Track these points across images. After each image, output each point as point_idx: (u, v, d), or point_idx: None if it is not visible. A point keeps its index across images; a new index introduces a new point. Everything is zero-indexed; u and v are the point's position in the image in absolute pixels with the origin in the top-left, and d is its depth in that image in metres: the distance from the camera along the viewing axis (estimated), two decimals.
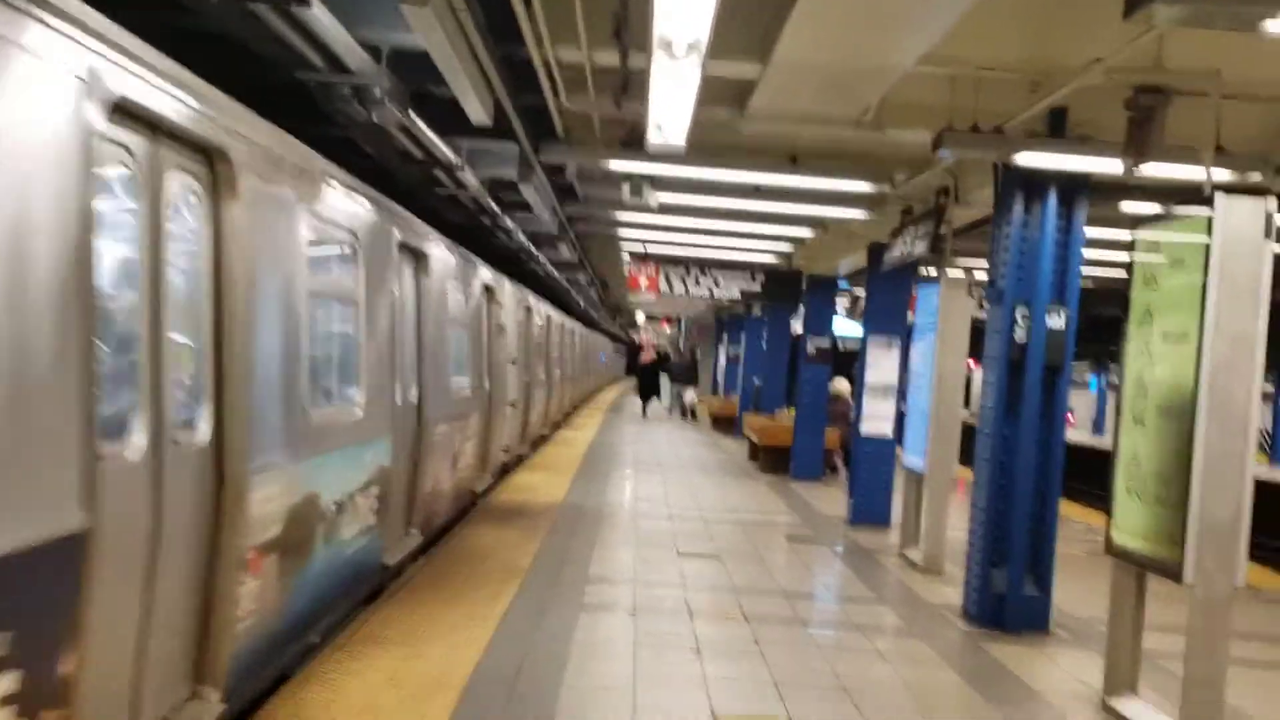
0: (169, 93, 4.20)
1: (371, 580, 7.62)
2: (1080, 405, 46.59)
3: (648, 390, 33.62)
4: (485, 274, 12.69)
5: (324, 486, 6.17)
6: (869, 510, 12.89)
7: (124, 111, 3.90)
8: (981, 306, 13.28)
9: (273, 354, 5.32)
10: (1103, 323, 23.38)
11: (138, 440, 4.10)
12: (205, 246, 4.77)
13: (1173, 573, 5.64)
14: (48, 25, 3.36)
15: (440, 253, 9.89)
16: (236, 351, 4.87)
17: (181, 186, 4.53)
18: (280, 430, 5.40)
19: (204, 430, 4.71)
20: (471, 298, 11.74)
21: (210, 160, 4.73)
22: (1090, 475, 20.96)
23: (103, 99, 3.66)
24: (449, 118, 9.18)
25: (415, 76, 8.09)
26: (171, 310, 4.35)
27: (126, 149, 4.02)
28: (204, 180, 4.71)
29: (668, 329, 50.40)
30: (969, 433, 9.56)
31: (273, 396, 5.32)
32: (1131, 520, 6.14)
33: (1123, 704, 6.18)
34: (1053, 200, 8.01)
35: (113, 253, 4.04)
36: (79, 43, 3.53)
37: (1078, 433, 38.46)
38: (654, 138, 7.45)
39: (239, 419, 4.88)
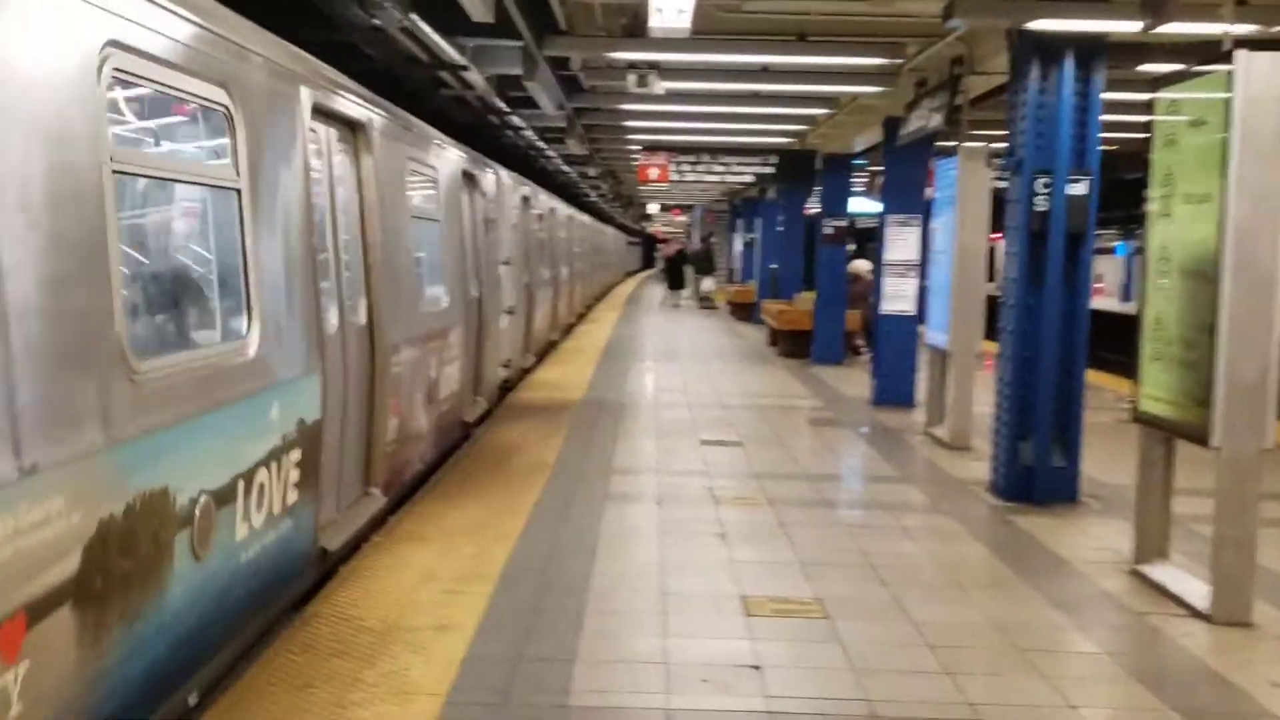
0: (341, 95, 6.40)
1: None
2: (1108, 272, 46.36)
3: (674, 281, 35.55)
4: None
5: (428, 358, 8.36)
6: (893, 390, 12.89)
7: (319, 111, 5.97)
8: (1001, 177, 13.12)
9: (391, 263, 7.21)
10: (1128, 187, 23.03)
11: (333, 320, 6.13)
12: (354, 189, 6.73)
13: (1200, 436, 5.61)
14: (302, 83, 5.68)
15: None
16: (375, 262, 6.87)
17: (341, 152, 6.56)
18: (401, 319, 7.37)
19: (363, 314, 6.78)
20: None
21: (354, 130, 6.74)
22: (1119, 343, 20.85)
23: (312, 106, 5.79)
24: (451, 17, 9.00)
25: None
26: (342, 235, 6.44)
27: (317, 133, 6.03)
28: (351, 143, 6.71)
29: (681, 217, 50.06)
30: (994, 308, 9.51)
31: (397, 294, 7.35)
32: (1158, 385, 6.10)
33: (1153, 570, 6.22)
34: (1069, 64, 7.82)
35: (314, 199, 5.82)
36: (310, 84, 5.82)
37: (1105, 300, 38.28)
38: (656, 22, 7.28)
39: (382, 308, 6.93)
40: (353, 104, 6.63)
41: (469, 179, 10.58)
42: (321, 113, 6.04)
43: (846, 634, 5.27)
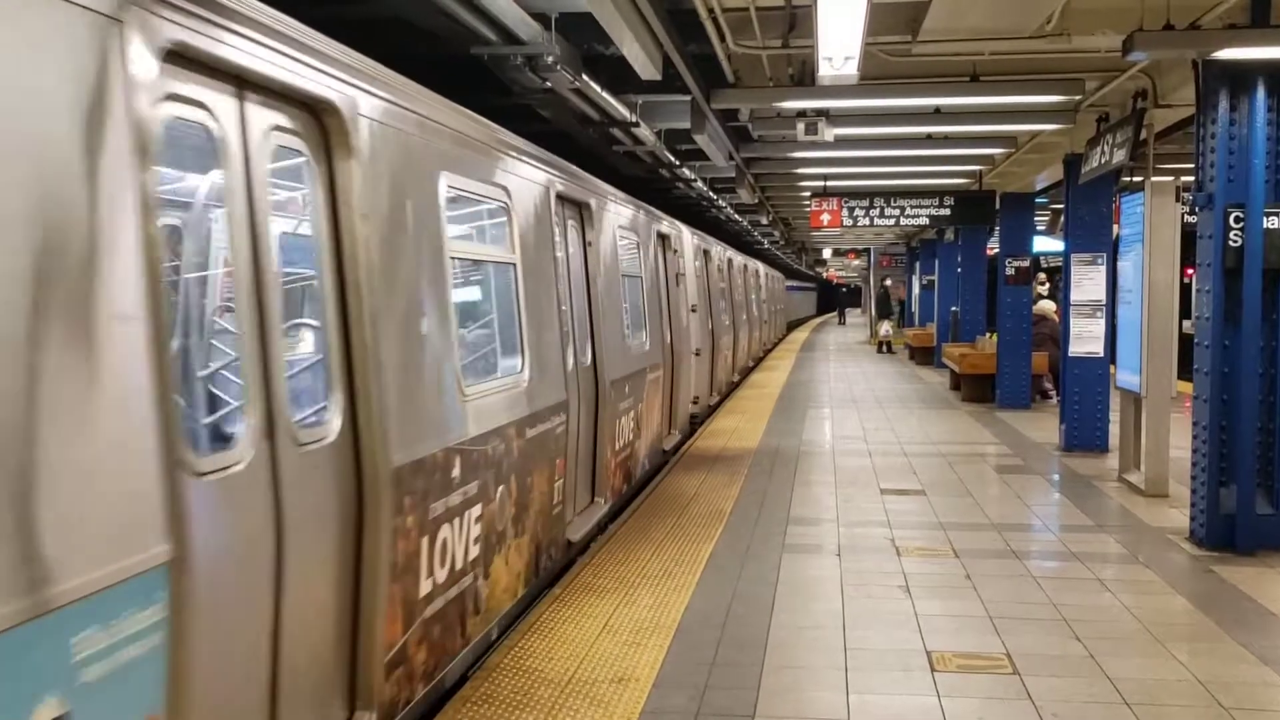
0: (574, 183, 8.18)
1: None
2: None
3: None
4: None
5: (637, 391, 10.14)
6: (1083, 435, 12.42)
7: (560, 197, 7.73)
8: (1192, 212, 12.57)
9: (609, 314, 9.07)
10: None
11: (570, 360, 7.65)
12: (581, 255, 8.56)
13: None
14: (549, 177, 7.40)
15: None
16: (598, 313, 8.68)
17: (573, 227, 8.37)
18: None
19: (589, 356, 8.51)
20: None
21: (580, 209, 8.55)
22: None
23: (556, 195, 7.52)
24: (620, 75, 9.23)
25: (583, 38, 8.16)
26: (575, 292, 8.24)
27: (558, 214, 7.66)
28: (578, 219, 8.57)
29: (855, 261, 49.57)
30: (1186, 347, 9.09)
31: (613, 339, 9.14)
32: None
33: None
34: (1261, 93, 7.47)
35: (558, 266, 7.54)
36: (555, 177, 7.58)
37: None
38: (825, 71, 7.29)
39: (603, 351, 8.75)
40: (580, 189, 8.35)
41: (662, 239, 12.56)
42: (560, 198, 7.72)
43: (1038, 691, 5.09)
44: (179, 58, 3.19)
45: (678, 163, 14.29)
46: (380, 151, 4.46)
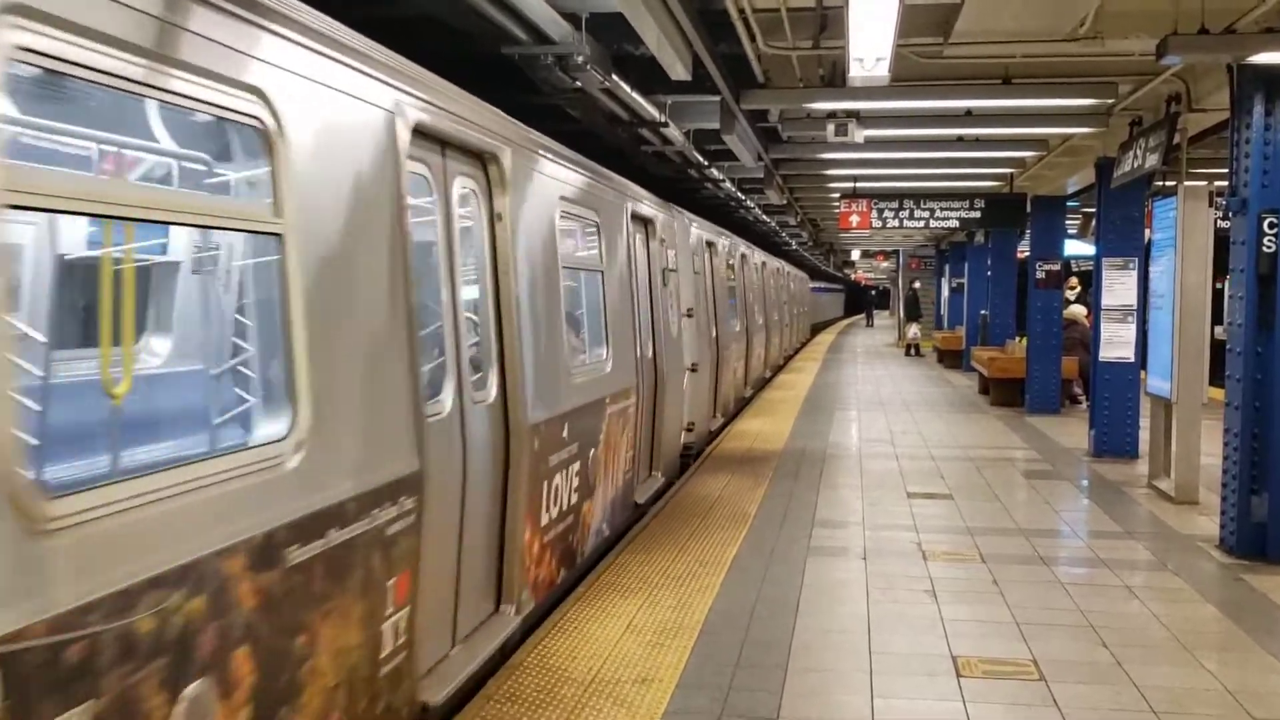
0: (643, 203, 9.69)
1: None
2: None
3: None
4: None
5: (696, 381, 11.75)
6: (1113, 440, 12.33)
7: (633, 216, 9.20)
8: (1225, 217, 12.44)
9: (664, 311, 10.35)
10: None
11: (637, 352, 9.00)
12: (646, 262, 9.79)
13: None
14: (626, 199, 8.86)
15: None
16: (655, 310, 9.95)
17: (640, 241, 9.73)
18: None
19: (650, 350, 9.72)
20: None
21: (645, 224, 9.83)
22: None
23: (630, 213, 8.98)
24: (649, 75, 9.22)
25: (613, 38, 8.16)
26: (641, 293, 9.45)
27: (630, 230, 9.11)
28: (644, 233, 9.86)
29: (884, 263, 49.35)
30: (1217, 353, 9.00)
31: (669, 334, 10.51)
32: None
33: None
34: None
35: (634, 273, 9.23)
36: (630, 199, 9.17)
37: None
38: (856, 72, 7.26)
39: (662, 346, 10.03)
40: (647, 206, 9.75)
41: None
42: (632, 216, 9.05)
43: (1064, 698, 5.05)
44: (417, 133, 4.60)
45: (706, 163, 14.26)
46: (521, 186, 5.96)
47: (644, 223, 9.90)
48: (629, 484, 8.51)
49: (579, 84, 8.13)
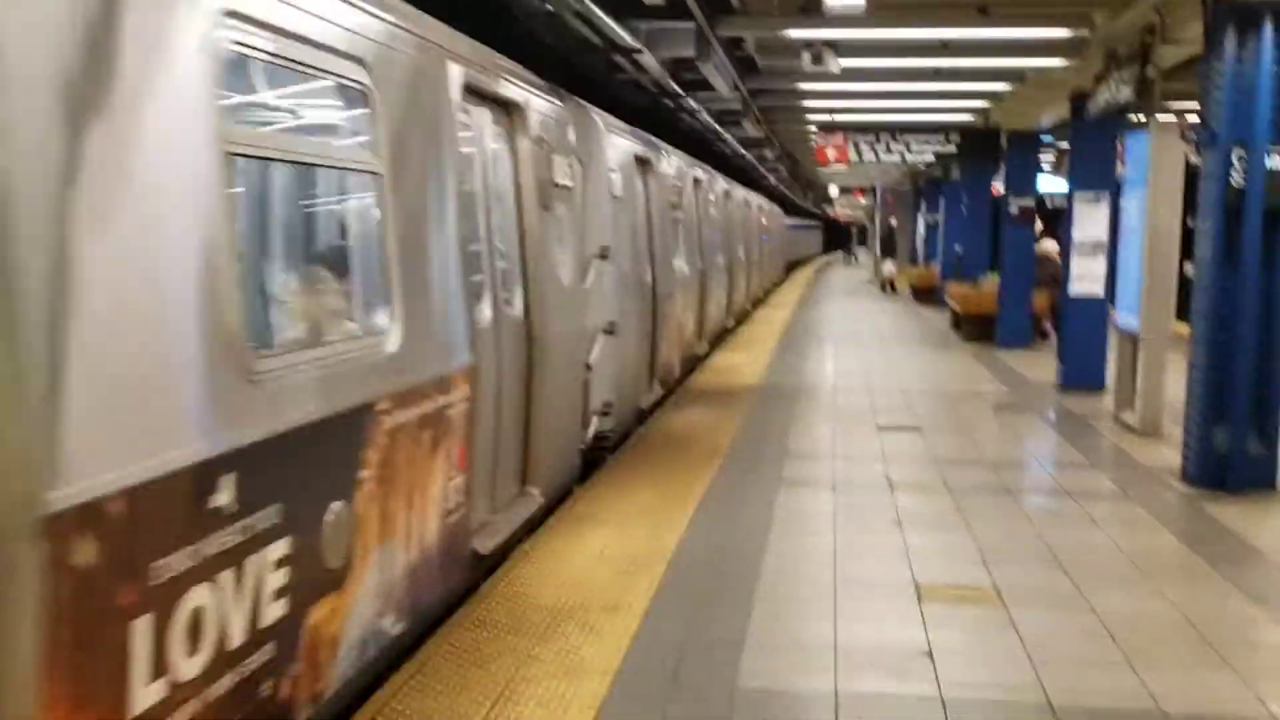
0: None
1: None
2: None
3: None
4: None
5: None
6: (1081, 374, 12.45)
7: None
8: (1197, 152, 12.47)
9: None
10: None
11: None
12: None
13: None
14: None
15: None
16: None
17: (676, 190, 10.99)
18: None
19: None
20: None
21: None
22: None
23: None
24: (624, 1, 9.12)
25: None
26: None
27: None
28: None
29: (862, 200, 49.29)
30: (1186, 289, 9.09)
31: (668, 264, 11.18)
32: None
33: None
34: (1268, 32, 7.38)
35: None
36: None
37: None
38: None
39: (661, 273, 10.83)
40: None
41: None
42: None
43: (1024, 623, 5.15)
44: (465, 90, 5.46)
45: (682, 93, 14.16)
46: (536, 130, 6.61)
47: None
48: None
49: (550, 7, 8.04)
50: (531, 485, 6.59)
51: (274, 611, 3.45)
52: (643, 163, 10.42)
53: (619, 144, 9.40)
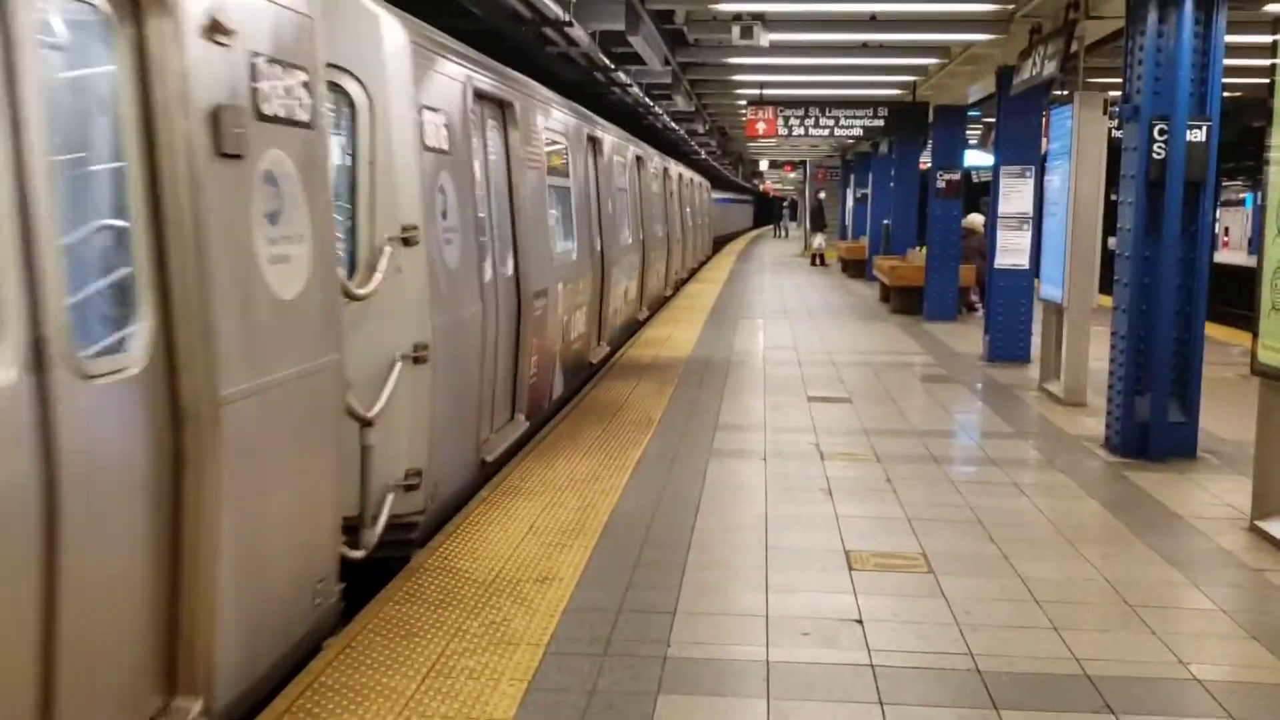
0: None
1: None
2: (1235, 225, 44.46)
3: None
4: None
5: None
6: (1007, 346, 12.63)
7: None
8: (1119, 127, 12.66)
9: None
10: (1260, 135, 22.03)
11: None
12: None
13: None
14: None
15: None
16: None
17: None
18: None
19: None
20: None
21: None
22: (1246, 299, 20.06)
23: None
24: None
25: None
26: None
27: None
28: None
29: (791, 174, 49.51)
30: (1109, 263, 9.23)
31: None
32: (1278, 336, 5.86)
33: (1273, 525, 6.01)
34: (1189, 6, 7.49)
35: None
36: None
37: (1232, 254, 36.81)
38: None
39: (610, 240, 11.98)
40: (636, 148, 12.49)
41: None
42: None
43: (951, 589, 5.21)
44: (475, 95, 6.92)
45: (613, 66, 14.08)
46: (524, 124, 8.16)
47: (641, 161, 9.00)
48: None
49: None
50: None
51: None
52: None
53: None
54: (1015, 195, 12.49)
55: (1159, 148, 7.61)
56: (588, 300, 11.00)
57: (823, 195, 36.03)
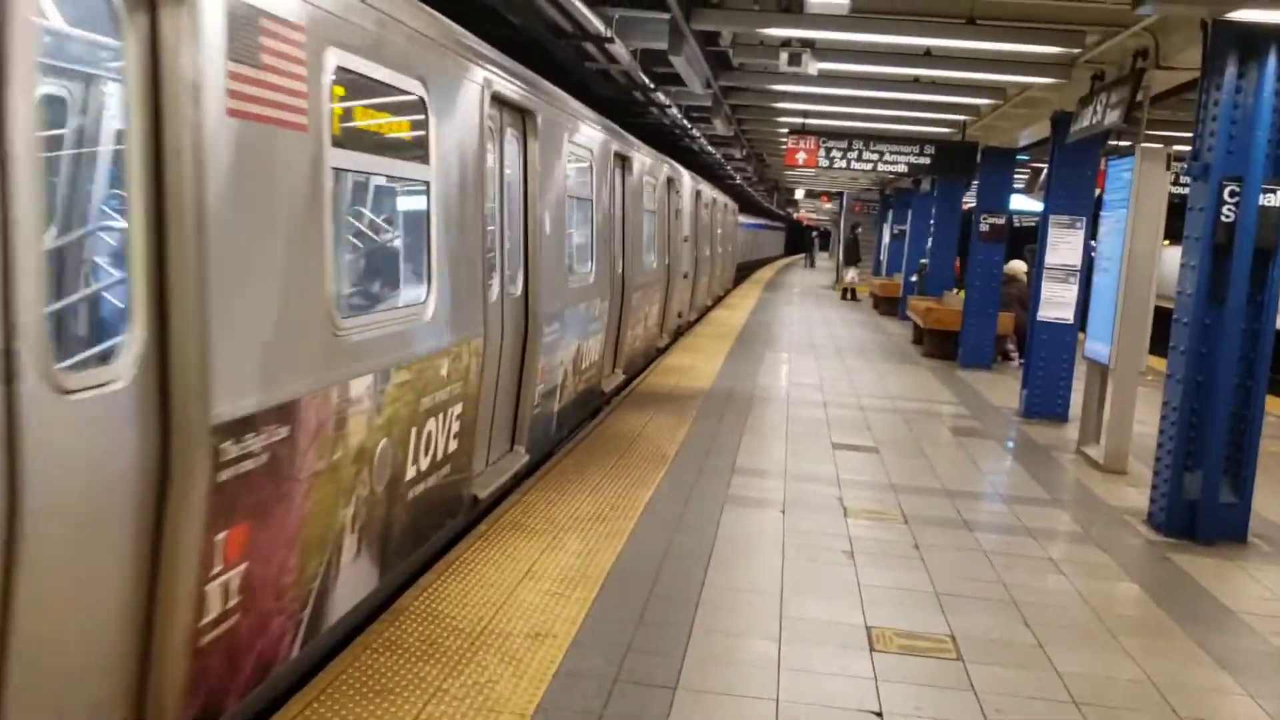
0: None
1: None
2: None
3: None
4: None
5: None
6: (1045, 402, 12.10)
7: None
8: (1178, 182, 12.15)
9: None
10: None
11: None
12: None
13: None
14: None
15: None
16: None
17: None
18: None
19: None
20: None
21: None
22: None
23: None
24: None
25: None
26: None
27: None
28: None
29: (827, 205, 49.04)
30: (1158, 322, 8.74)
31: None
32: None
33: None
34: (1272, 61, 6.99)
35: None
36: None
37: None
38: None
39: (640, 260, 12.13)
40: (668, 169, 13.17)
41: (670, 182, 14.81)
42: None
43: (981, 681, 4.74)
44: (493, 99, 6.35)
45: (653, 85, 13.68)
46: (545, 133, 7.55)
47: (670, 182, 10.67)
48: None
49: None
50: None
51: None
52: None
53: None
54: (1064, 246, 11.97)
55: (1228, 210, 7.11)
56: (604, 325, 10.57)
57: (859, 229, 35.51)
